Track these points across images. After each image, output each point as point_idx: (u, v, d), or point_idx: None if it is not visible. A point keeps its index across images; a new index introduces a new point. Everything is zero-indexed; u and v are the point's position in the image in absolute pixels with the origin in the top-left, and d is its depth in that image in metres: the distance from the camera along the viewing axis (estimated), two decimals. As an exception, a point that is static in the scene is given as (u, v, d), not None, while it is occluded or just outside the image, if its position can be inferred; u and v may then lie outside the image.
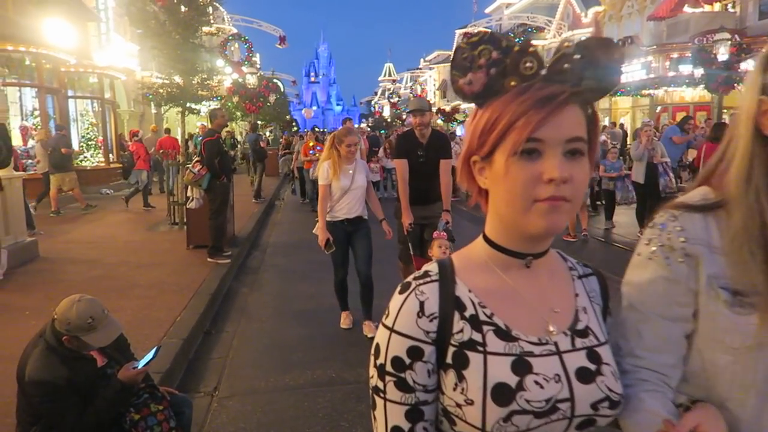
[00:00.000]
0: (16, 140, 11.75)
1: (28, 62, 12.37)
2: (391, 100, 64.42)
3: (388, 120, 55.74)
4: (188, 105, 10.86)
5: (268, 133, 18.69)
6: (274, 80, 30.11)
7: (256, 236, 9.67)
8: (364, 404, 3.66)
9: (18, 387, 2.46)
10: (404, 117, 56.69)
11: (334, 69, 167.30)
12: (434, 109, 47.51)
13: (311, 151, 12.15)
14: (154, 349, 2.63)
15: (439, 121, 43.32)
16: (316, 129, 15.65)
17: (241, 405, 3.69)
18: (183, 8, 10.20)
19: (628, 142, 17.77)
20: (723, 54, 14.20)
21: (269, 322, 5.33)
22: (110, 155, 15.56)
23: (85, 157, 14.99)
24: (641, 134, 9.07)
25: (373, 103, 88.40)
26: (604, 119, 27.58)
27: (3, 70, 6.99)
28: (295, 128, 41.53)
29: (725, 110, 16.09)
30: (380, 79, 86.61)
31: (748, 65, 14.45)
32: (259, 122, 20.82)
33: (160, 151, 12.75)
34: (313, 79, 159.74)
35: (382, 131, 35.07)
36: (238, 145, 18.85)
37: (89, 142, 15.16)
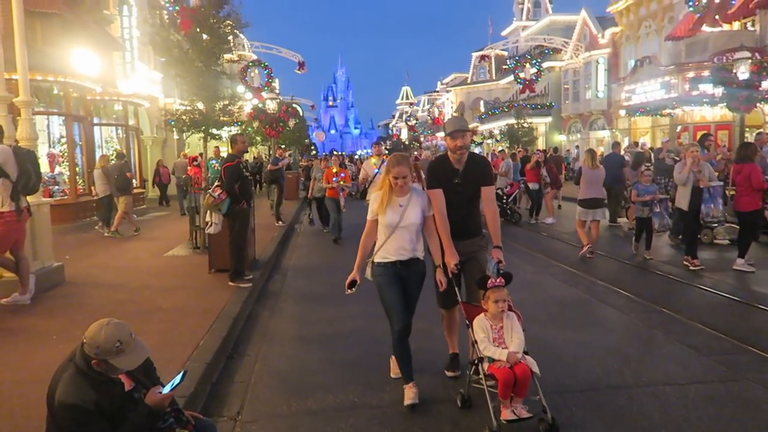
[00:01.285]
0: (44, 167, 12.06)
1: (56, 91, 12.77)
2: (409, 123, 64.91)
3: (406, 142, 55.99)
4: (210, 130, 11.08)
5: (288, 156, 18.90)
6: (294, 105, 30.60)
7: (276, 259, 9.73)
8: (387, 428, 3.63)
9: (47, 411, 2.49)
10: (422, 140, 57.03)
11: (352, 93, 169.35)
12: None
13: (334, 178, 11.46)
14: (180, 374, 2.65)
15: (457, 143, 43.46)
16: (335, 152, 15.65)
17: (264, 429, 3.69)
18: (205, 36, 10.47)
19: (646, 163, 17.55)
20: (743, 73, 14.10)
21: (291, 345, 5.33)
22: (134, 181, 15.82)
23: (109, 182, 15.29)
24: (686, 155, 8.19)
25: (390, 126, 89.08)
26: (624, 139, 27.46)
27: (33, 100, 7.23)
28: (314, 152, 41.95)
29: (747, 129, 15.90)
30: (398, 102, 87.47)
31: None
32: (281, 146, 21.11)
33: (183, 176, 13.02)
34: (331, 103, 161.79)
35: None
36: (263, 170, 19.05)
37: (114, 168, 15.47)
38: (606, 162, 13.47)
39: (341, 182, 11.41)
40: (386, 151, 17.40)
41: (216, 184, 7.20)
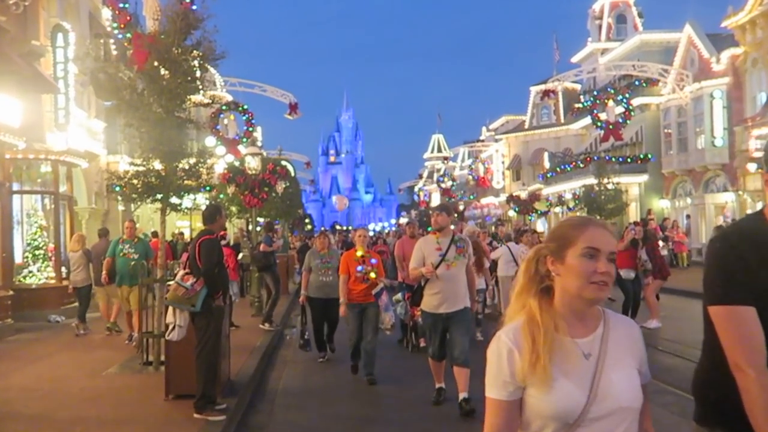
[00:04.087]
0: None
1: (-37, 149, 13.37)
2: (443, 185, 65.55)
3: (440, 212, 56.43)
4: (169, 199, 11.35)
5: (275, 236, 19.24)
6: (283, 163, 31.34)
7: (260, 380, 9.77)
8: None
9: None
10: (461, 208, 57.47)
11: (362, 144, 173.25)
12: (505, 196, 48.14)
13: (360, 268, 9.42)
14: None
15: (512, 213, 43.76)
16: (338, 227, 15.65)
17: None
18: (163, 71, 10.83)
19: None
20: None
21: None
22: (63, 269, 16.06)
23: (30, 272, 15.57)
24: None
25: (416, 189, 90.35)
26: (757, 204, 27.37)
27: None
28: (310, 226, 42.58)
29: None
30: (426, 156, 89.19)
31: None
32: (261, 218, 21.54)
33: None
34: (333, 158, 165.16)
35: (430, 228, 35.47)
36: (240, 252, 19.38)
37: (36, 252, 15.78)
38: None
39: (371, 272, 9.43)
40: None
41: (185, 271, 7.40)
